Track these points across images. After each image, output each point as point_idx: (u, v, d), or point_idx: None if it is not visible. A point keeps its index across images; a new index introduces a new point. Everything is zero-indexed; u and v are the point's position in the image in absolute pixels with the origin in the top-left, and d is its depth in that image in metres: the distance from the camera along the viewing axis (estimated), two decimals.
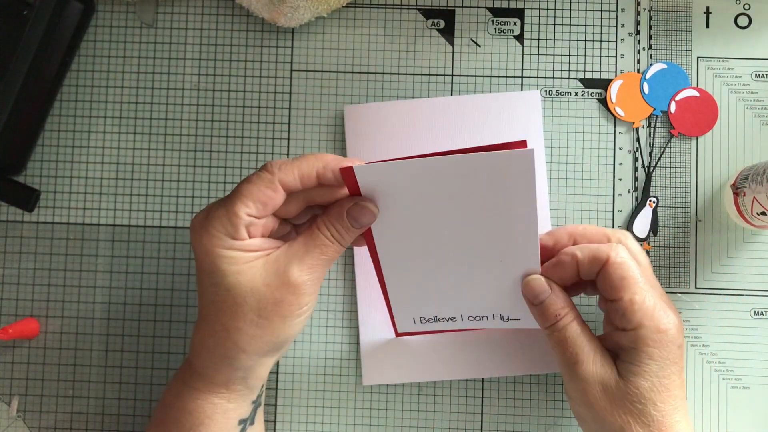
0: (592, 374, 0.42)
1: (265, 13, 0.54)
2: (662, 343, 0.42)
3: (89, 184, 0.55)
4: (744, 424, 0.53)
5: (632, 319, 0.42)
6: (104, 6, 0.56)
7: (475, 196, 0.42)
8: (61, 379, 0.54)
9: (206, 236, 0.41)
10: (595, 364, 0.42)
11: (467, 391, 0.54)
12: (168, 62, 0.56)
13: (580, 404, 0.44)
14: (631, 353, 0.42)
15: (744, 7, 0.55)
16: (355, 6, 0.56)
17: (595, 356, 0.43)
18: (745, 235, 0.54)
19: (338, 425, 0.54)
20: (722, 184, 0.54)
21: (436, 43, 0.56)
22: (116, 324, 0.55)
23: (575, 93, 0.55)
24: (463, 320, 0.49)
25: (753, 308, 0.54)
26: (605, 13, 0.55)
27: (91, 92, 0.56)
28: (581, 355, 0.42)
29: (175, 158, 0.55)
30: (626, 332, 0.43)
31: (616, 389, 0.42)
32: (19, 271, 0.55)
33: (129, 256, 0.55)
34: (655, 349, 0.42)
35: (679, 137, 0.55)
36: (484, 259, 0.45)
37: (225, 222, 0.41)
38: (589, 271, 0.44)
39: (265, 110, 0.56)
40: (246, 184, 0.41)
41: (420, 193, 0.42)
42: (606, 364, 0.43)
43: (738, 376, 0.53)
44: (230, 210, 0.41)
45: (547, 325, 0.43)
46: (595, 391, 0.42)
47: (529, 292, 0.44)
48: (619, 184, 0.54)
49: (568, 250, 0.44)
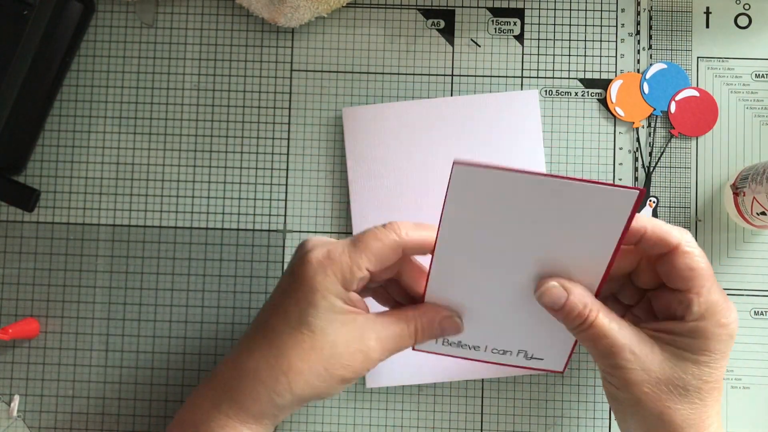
0: (632, 361, 0.42)
1: (265, 13, 0.54)
2: (721, 338, 0.42)
3: (89, 184, 0.55)
4: (744, 424, 0.53)
5: (696, 311, 0.42)
6: (104, 6, 0.56)
7: (559, 225, 0.40)
8: (61, 379, 0.54)
9: (322, 275, 0.41)
10: (633, 351, 0.42)
11: (467, 391, 0.54)
12: (168, 62, 0.56)
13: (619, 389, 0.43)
14: (687, 342, 0.42)
15: (744, 7, 0.55)
16: (355, 6, 0.56)
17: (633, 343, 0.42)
18: (745, 235, 0.54)
19: (338, 425, 0.54)
20: (722, 184, 0.54)
21: (436, 43, 0.56)
22: (116, 324, 0.55)
23: (575, 93, 0.55)
24: (486, 351, 0.47)
25: (753, 308, 0.54)
26: (605, 13, 0.55)
27: (91, 92, 0.56)
28: (616, 345, 0.42)
29: (175, 158, 0.55)
30: (685, 322, 0.42)
31: (659, 374, 0.42)
32: (19, 271, 0.55)
33: (129, 256, 0.55)
34: (713, 342, 0.42)
35: (679, 137, 0.55)
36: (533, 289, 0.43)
37: (346, 270, 0.41)
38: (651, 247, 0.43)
39: (265, 110, 0.56)
40: (373, 239, 0.42)
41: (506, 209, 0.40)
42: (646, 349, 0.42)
43: (738, 376, 0.53)
44: (354, 260, 0.41)
45: (573, 326, 0.43)
46: (635, 377, 0.42)
47: (546, 301, 0.42)
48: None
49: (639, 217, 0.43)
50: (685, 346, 0.42)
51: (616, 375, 0.42)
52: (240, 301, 0.54)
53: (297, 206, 0.55)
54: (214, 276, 0.55)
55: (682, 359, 0.42)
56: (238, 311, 0.54)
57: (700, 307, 0.42)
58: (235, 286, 0.55)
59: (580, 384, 0.54)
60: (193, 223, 0.55)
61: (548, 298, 0.42)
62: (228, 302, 0.55)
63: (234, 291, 0.55)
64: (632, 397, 0.42)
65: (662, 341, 0.43)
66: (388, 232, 0.42)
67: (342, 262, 0.41)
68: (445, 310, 0.44)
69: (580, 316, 0.42)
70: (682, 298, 0.42)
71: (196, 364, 0.54)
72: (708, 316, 0.42)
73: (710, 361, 0.42)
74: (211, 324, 0.55)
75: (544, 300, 0.43)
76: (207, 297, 0.55)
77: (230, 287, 0.55)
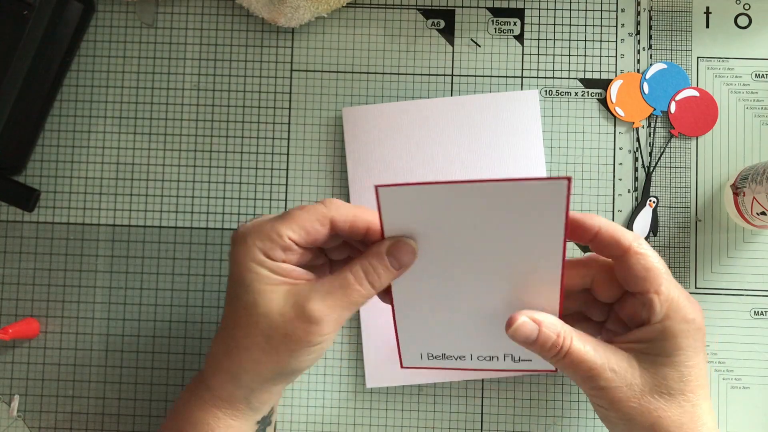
0: (613, 380, 0.42)
1: (265, 13, 0.54)
2: (690, 333, 0.42)
3: (89, 184, 0.55)
4: (744, 424, 0.53)
5: (659, 311, 0.42)
6: (104, 6, 0.56)
7: (500, 228, 0.40)
8: (61, 379, 0.54)
9: (242, 245, 0.41)
10: (613, 369, 0.42)
11: (467, 391, 0.54)
12: (168, 62, 0.56)
13: (608, 410, 0.43)
14: (658, 346, 0.42)
15: (744, 7, 0.55)
16: (355, 6, 0.56)
17: (610, 361, 0.42)
18: (745, 235, 0.54)
19: (338, 425, 0.54)
20: (722, 184, 0.54)
21: (436, 43, 0.56)
22: (116, 324, 0.55)
23: (575, 93, 0.55)
24: (473, 359, 0.46)
25: (753, 308, 0.54)
26: (605, 13, 0.55)
27: (91, 92, 0.56)
28: (595, 368, 0.42)
29: (175, 158, 0.55)
30: (651, 326, 0.42)
31: (642, 386, 0.42)
32: (19, 271, 0.55)
33: (129, 256, 0.55)
34: (683, 339, 0.42)
35: (679, 137, 0.55)
36: (501, 295, 0.43)
37: (264, 237, 0.40)
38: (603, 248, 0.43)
39: (265, 110, 0.56)
40: (298, 210, 0.41)
41: (443, 221, 0.40)
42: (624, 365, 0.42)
43: (738, 376, 0.53)
44: (274, 228, 0.41)
45: (550, 356, 0.42)
46: (620, 394, 0.42)
47: (519, 337, 0.42)
48: (619, 184, 0.54)
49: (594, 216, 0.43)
50: (658, 351, 0.42)
51: (601, 396, 0.42)
52: None
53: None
54: (214, 276, 0.55)
55: (659, 365, 0.42)
56: None
57: (663, 305, 0.42)
58: None
59: None
60: (193, 223, 0.55)
61: (521, 335, 0.42)
62: None
63: None
64: (621, 414, 0.42)
65: (636, 351, 0.43)
66: (317, 205, 0.41)
67: (262, 230, 0.41)
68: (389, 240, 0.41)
69: (555, 347, 0.42)
70: (644, 300, 0.42)
71: (196, 364, 0.54)
72: (672, 314, 0.42)
73: (685, 360, 0.42)
74: (211, 324, 0.55)
75: (517, 337, 0.42)
76: (207, 297, 0.55)
77: None
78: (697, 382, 0.42)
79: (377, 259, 0.41)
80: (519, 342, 0.42)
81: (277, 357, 0.41)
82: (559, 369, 0.44)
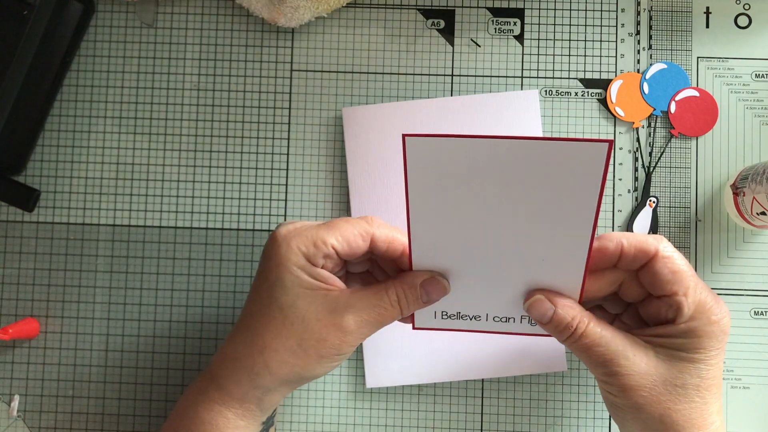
0: (627, 367, 0.42)
1: (265, 13, 0.54)
2: (714, 334, 0.42)
3: (89, 184, 0.55)
4: (744, 424, 0.53)
5: (686, 312, 0.42)
6: (104, 6, 0.56)
7: (532, 190, 0.38)
8: (61, 379, 0.54)
9: (285, 248, 0.41)
10: (627, 356, 0.42)
11: (467, 391, 0.54)
12: (168, 62, 0.56)
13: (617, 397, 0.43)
14: (680, 342, 0.42)
15: (744, 7, 0.55)
16: (355, 6, 0.56)
17: (626, 348, 0.42)
18: (745, 235, 0.54)
19: (338, 425, 0.54)
20: (722, 184, 0.54)
21: (436, 43, 0.56)
22: (116, 324, 0.55)
23: (575, 93, 0.55)
24: (488, 320, 0.45)
25: (753, 308, 0.54)
26: (605, 13, 0.55)
27: (91, 92, 0.56)
28: (609, 353, 0.42)
29: (175, 158, 0.55)
30: (676, 325, 0.42)
31: (656, 377, 0.42)
32: (19, 271, 0.55)
33: (129, 256, 0.55)
34: (706, 339, 0.42)
35: (679, 137, 0.55)
36: (526, 255, 0.42)
37: (309, 243, 0.41)
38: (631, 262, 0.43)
39: (265, 110, 0.56)
40: (343, 221, 0.42)
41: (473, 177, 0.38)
42: (640, 354, 0.42)
43: (738, 376, 0.53)
44: (319, 235, 0.41)
45: (563, 338, 0.43)
46: (633, 382, 0.42)
47: (534, 314, 0.43)
48: (619, 184, 0.54)
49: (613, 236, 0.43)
50: (680, 347, 0.42)
51: (612, 382, 0.42)
52: (240, 301, 0.54)
53: (297, 206, 0.55)
54: (214, 276, 0.55)
55: (677, 359, 0.42)
56: (238, 311, 0.54)
57: (690, 307, 0.42)
58: (235, 286, 0.55)
59: (580, 384, 0.54)
60: (193, 223, 0.55)
61: (536, 312, 0.42)
62: (228, 302, 0.55)
63: (234, 291, 0.55)
64: (631, 403, 0.42)
65: (656, 344, 0.43)
66: (360, 219, 0.43)
67: (307, 235, 0.42)
68: (426, 273, 0.43)
69: (568, 328, 0.42)
70: (671, 302, 0.42)
71: (196, 364, 0.54)
72: (698, 316, 0.42)
73: (706, 359, 0.42)
74: (211, 324, 0.55)
75: (531, 313, 0.43)
76: (207, 297, 0.55)
77: (230, 287, 0.55)
78: (713, 381, 0.42)
79: (411, 291, 0.43)
80: (533, 318, 0.43)
81: (305, 360, 0.42)
82: (574, 352, 0.43)
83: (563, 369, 0.53)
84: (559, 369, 0.53)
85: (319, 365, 0.42)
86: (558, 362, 0.53)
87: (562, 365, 0.53)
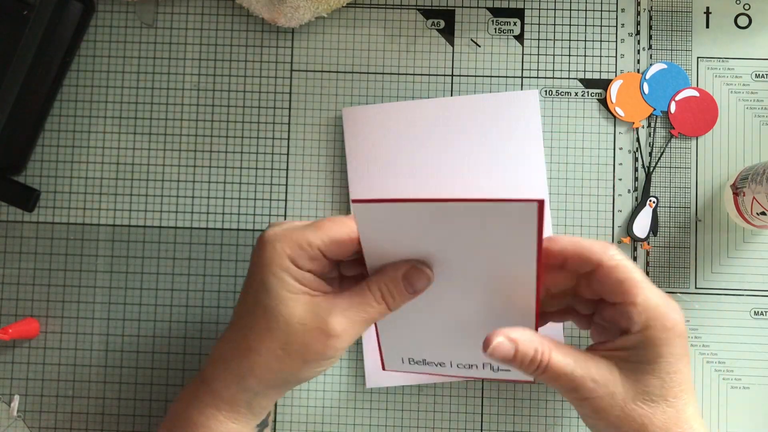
0: (595, 390, 0.41)
1: (265, 13, 0.54)
2: (671, 340, 0.41)
3: (89, 184, 0.55)
4: (744, 424, 0.53)
5: (638, 320, 0.41)
6: (104, 6, 0.56)
7: (475, 246, 0.40)
8: (61, 379, 0.54)
9: (270, 250, 0.41)
10: (594, 379, 0.42)
11: (467, 391, 0.54)
12: (168, 62, 0.56)
13: (593, 419, 0.43)
14: (639, 353, 0.42)
15: (744, 7, 0.55)
16: (355, 6, 0.56)
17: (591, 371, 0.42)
18: (745, 235, 0.54)
19: (338, 425, 0.54)
20: (722, 184, 0.54)
21: (436, 43, 0.56)
22: (116, 324, 0.55)
23: (575, 93, 0.55)
24: (453, 367, 0.47)
25: (753, 308, 0.54)
26: (605, 13, 0.55)
27: (91, 92, 0.56)
28: (576, 379, 0.41)
29: (175, 158, 0.55)
30: (631, 335, 0.42)
31: (625, 393, 0.42)
32: (19, 271, 0.55)
33: (129, 256, 0.55)
34: (664, 347, 0.41)
35: (679, 137, 0.55)
36: (480, 307, 0.43)
37: (294, 245, 0.41)
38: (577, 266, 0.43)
39: (265, 110, 0.56)
40: (328, 221, 0.42)
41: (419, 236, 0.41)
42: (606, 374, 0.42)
43: (738, 376, 0.53)
44: (304, 236, 0.41)
45: (531, 371, 0.42)
46: (604, 404, 0.42)
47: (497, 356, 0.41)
48: (619, 184, 0.54)
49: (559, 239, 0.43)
50: (640, 359, 0.42)
51: (585, 406, 0.42)
52: None
53: (297, 207, 0.55)
54: (214, 276, 0.55)
55: (641, 372, 0.42)
56: None
57: (640, 316, 0.41)
58: (235, 286, 0.55)
59: None
60: (193, 223, 0.55)
61: (498, 354, 0.41)
62: (228, 302, 0.55)
63: (234, 291, 0.55)
64: (607, 423, 0.42)
65: (618, 359, 0.42)
66: (345, 218, 0.42)
67: (292, 237, 0.41)
68: (407, 264, 0.42)
69: (533, 362, 0.41)
70: (623, 311, 0.42)
71: (196, 364, 0.54)
72: (651, 323, 0.41)
73: (667, 367, 0.41)
74: (211, 324, 0.55)
75: (495, 356, 0.42)
76: (207, 297, 0.55)
77: (230, 287, 0.55)
78: (680, 387, 0.42)
79: (393, 283, 0.42)
80: (498, 361, 0.42)
81: (290, 365, 0.41)
82: (542, 382, 0.43)
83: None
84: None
85: (305, 370, 0.42)
86: None
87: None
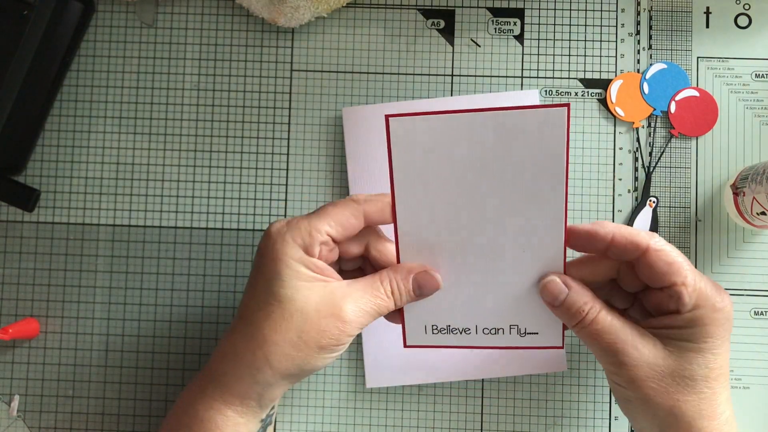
0: (636, 358, 0.42)
1: (265, 13, 0.54)
2: (719, 321, 0.42)
3: (89, 184, 0.55)
4: (744, 424, 0.53)
5: (689, 302, 0.42)
6: (104, 6, 0.56)
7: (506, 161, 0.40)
8: (61, 379, 0.54)
9: (281, 242, 0.42)
10: (636, 347, 0.42)
11: (467, 391, 0.54)
12: (168, 62, 0.56)
13: (626, 389, 0.43)
14: (687, 332, 0.42)
15: (744, 7, 0.55)
16: (355, 6, 0.56)
17: (635, 339, 0.42)
18: (745, 235, 0.54)
19: (338, 425, 0.54)
20: (722, 184, 0.54)
21: (436, 43, 0.56)
22: (116, 324, 0.55)
23: (575, 93, 0.55)
24: (478, 333, 0.46)
25: (753, 308, 0.54)
26: (605, 13, 0.55)
27: (91, 92, 0.56)
28: (619, 342, 0.42)
29: (175, 158, 0.55)
30: (680, 315, 0.42)
31: (664, 368, 0.42)
32: (19, 271, 0.55)
33: (129, 256, 0.55)
34: (712, 327, 0.42)
35: (679, 137, 0.55)
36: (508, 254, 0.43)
37: (304, 234, 0.42)
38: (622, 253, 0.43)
39: (265, 110, 0.56)
40: (332, 206, 0.43)
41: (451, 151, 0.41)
42: (649, 345, 0.42)
43: (738, 376, 0.53)
44: (313, 224, 0.42)
45: (574, 323, 0.43)
46: (641, 373, 0.42)
47: (547, 295, 0.43)
48: (619, 184, 0.54)
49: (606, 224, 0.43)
50: (686, 337, 0.42)
51: (621, 373, 0.42)
52: (240, 301, 0.54)
53: (297, 206, 0.55)
54: (214, 276, 0.55)
55: (685, 350, 0.42)
56: None
57: (691, 296, 0.42)
58: (235, 286, 0.55)
59: (580, 384, 0.54)
60: (193, 223, 0.55)
61: (548, 294, 0.43)
62: (228, 302, 0.55)
63: (234, 291, 0.55)
64: (640, 395, 0.42)
65: (662, 336, 0.43)
66: (347, 200, 0.43)
67: (300, 227, 0.42)
68: (419, 266, 0.44)
69: (579, 313, 0.42)
70: (672, 293, 0.42)
71: (196, 364, 0.54)
72: (702, 304, 0.42)
73: (713, 347, 0.42)
74: (211, 324, 0.55)
75: (544, 295, 0.43)
76: (207, 297, 0.55)
77: (230, 287, 0.55)
78: (720, 371, 0.42)
79: (404, 282, 0.43)
80: (545, 298, 0.43)
81: (306, 353, 0.42)
82: (582, 339, 0.44)
83: (563, 369, 0.53)
84: (559, 369, 0.53)
85: (320, 356, 0.42)
86: (558, 362, 0.53)
87: (562, 365, 0.53)
